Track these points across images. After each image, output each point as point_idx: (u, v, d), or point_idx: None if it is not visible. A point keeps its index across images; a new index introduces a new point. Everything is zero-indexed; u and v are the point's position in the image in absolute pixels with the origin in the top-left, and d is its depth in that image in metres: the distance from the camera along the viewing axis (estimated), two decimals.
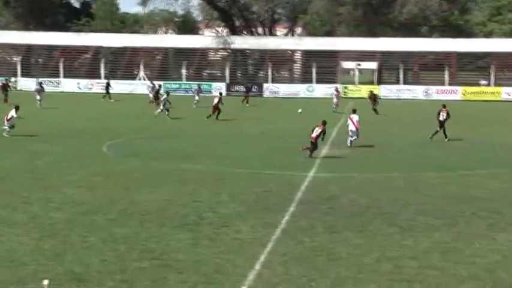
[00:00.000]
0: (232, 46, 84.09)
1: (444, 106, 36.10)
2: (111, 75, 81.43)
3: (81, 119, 44.45)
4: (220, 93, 52.89)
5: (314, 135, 28.53)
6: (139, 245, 14.96)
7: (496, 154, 30.84)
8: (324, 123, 29.21)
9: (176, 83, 77.35)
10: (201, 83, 77.69)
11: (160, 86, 62.91)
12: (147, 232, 16.09)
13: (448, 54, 79.26)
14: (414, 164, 27.50)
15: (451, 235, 16.17)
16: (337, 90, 57.30)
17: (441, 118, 35.28)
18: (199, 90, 59.02)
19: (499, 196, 20.94)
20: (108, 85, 66.44)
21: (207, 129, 40.17)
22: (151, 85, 62.25)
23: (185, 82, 78.24)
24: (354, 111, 33.34)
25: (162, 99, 46.79)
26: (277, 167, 25.97)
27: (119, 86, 75.49)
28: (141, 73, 79.89)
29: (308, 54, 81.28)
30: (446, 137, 34.57)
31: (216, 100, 46.12)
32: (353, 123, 32.46)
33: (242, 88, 69.92)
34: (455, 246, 15.24)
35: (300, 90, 75.99)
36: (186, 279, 12.72)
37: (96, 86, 77.48)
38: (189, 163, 26.71)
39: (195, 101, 55.93)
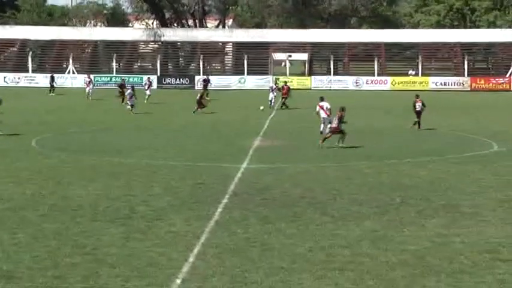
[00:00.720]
0: (163, 38, 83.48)
1: (417, 96, 36.75)
2: (40, 68, 79.88)
3: (8, 114, 43.38)
4: (205, 84, 52.88)
5: (334, 125, 28.63)
6: (71, 241, 14.72)
7: (424, 142, 31.48)
8: (342, 109, 29.25)
9: (106, 76, 76.38)
10: (131, 76, 77.09)
11: (123, 80, 60.53)
12: (79, 227, 15.84)
13: (377, 45, 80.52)
14: (347, 153, 27.83)
15: (382, 223, 16.44)
16: (275, 83, 55.27)
17: (418, 108, 35.95)
18: (149, 84, 55.92)
19: (427, 184, 21.41)
20: (52, 79, 64.96)
21: (139, 122, 39.78)
22: (88, 79, 60.23)
23: (115, 75, 77.31)
24: (322, 99, 33.23)
25: (127, 93, 45.36)
26: (211, 159, 25.93)
27: (47, 80, 73.98)
28: (70, 66, 78.50)
29: (239, 46, 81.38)
30: (419, 126, 35.36)
31: (198, 94, 45.09)
32: (324, 110, 32.35)
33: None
34: (386, 233, 15.50)
35: (231, 82, 76.02)
36: (119, 274, 12.58)
37: (23, 79, 75.85)
38: (121, 157, 26.42)
39: (147, 96, 52.59)
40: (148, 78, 61.11)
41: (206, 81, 63.15)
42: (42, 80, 75.18)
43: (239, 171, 23.40)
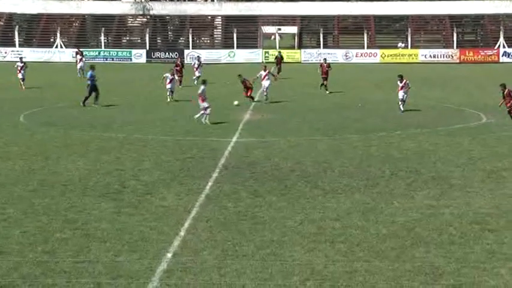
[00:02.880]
0: (152, 12, 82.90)
1: None
2: (26, 42, 79.22)
3: None
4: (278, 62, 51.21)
5: None
6: (61, 216, 14.71)
7: (413, 115, 31.50)
8: (504, 86, 28.56)
9: (95, 51, 75.90)
10: (120, 50, 76.64)
11: (181, 58, 51.54)
12: (69, 202, 15.83)
13: (366, 18, 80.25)
14: (337, 127, 27.85)
15: (372, 195, 16.51)
16: (265, 69, 45.53)
17: None
18: (199, 64, 48.59)
19: (416, 156, 21.48)
20: (77, 54, 60.34)
21: (128, 97, 39.59)
22: (79, 56, 55.63)
23: (104, 49, 76.86)
24: (401, 77, 32.73)
25: (165, 75, 37.59)
26: (200, 133, 25.90)
27: (34, 54, 73.55)
28: (58, 41, 77.85)
29: (228, 20, 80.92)
30: None
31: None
32: (405, 88, 32.40)
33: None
34: (376, 206, 15.57)
35: (221, 56, 75.68)
36: (110, 248, 12.60)
37: (10, 54, 75.26)
38: (110, 131, 26.34)
39: (195, 77, 46.43)
40: (199, 57, 53.16)
41: (279, 59, 54.83)
42: (29, 54, 74.60)
43: (229, 145, 23.39)
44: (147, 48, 77.29)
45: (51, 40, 79.83)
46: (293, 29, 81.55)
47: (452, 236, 13.34)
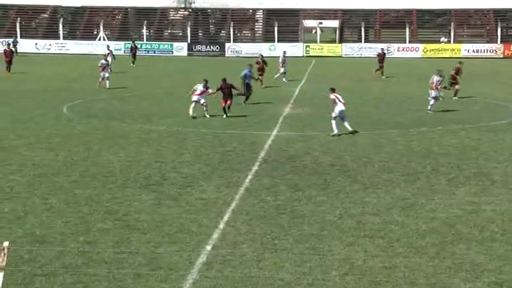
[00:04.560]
0: (193, 5, 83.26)
1: None
2: (70, 35, 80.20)
3: (40, 80, 43.77)
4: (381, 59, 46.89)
5: None
6: (102, 206, 14.88)
7: (455, 110, 31.13)
8: None
9: (137, 43, 76.40)
10: (163, 43, 77.02)
11: (261, 56, 42.95)
12: (110, 193, 16.00)
13: (408, 12, 79.50)
14: (377, 121, 27.68)
15: (412, 191, 16.38)
16: (284, 62, 45.66)
17: None
18: (284, 60, 45.73)
19: (458, 152, 21.23)
20: (132, 48, 60.83)
21: (167, 89, 39.83)
22: (108, 50, 51.73)
23: (146, 42, 77.42)
24: None
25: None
26: (240, 127, 25.95)
27: (77, 47, 74.47)
28: (101, 33, 78.66)
29: (270, 13, 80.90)
30: None
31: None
32: None
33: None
34: (416, 201, 15.44)
35: (262, 49, 75.53)
36: (150, 240, 12.71)
37: (54, 46, 76.27)
38: (151, 124, 26.55)
39: (280, 73, 45.05)
40: (284, 53, 48.38)
41: (382, 56, 49.75)
42: (72, 46, 75.64)
43: (269, 138, 23.40)
44: (189, 41, 77.67)
45: (95, 33, 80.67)
46: (334, 23, 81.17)
47: (494, 233, 13.17)
